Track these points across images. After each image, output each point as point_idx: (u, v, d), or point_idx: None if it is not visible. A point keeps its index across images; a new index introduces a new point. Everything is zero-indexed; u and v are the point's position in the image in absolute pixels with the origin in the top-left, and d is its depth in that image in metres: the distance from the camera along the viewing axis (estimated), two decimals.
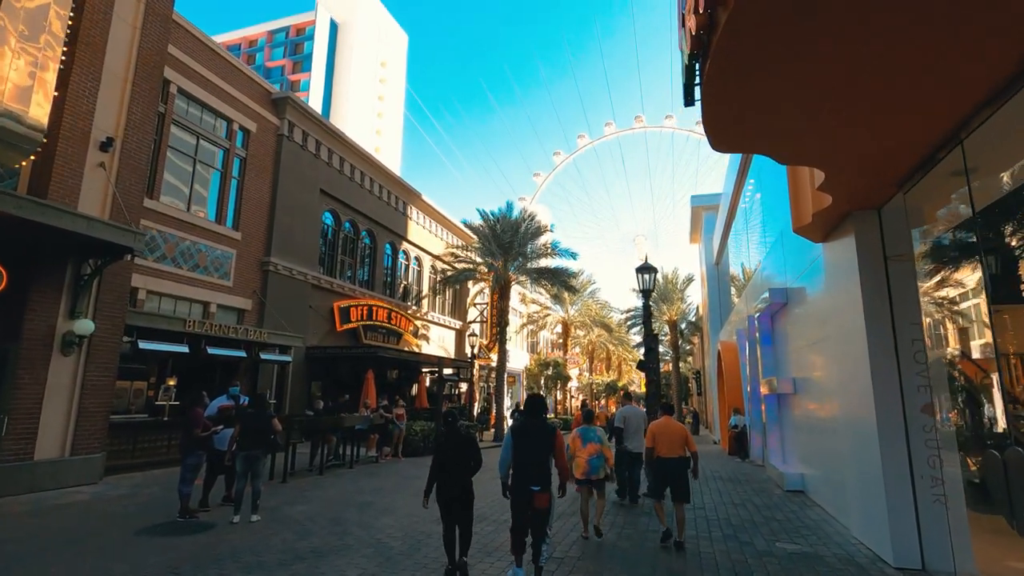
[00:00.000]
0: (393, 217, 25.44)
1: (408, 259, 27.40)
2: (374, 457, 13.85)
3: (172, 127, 14.67)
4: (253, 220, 17.19)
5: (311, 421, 11.82)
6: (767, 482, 11.25)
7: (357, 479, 11.24)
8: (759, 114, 4.04)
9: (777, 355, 12.10)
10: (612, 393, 54.05)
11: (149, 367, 13.87)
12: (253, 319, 16.87)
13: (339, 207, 21.68)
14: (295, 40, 71.90)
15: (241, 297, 16.47)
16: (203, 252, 15.29)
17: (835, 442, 7.81)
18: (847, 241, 6.50)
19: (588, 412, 7.53)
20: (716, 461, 16.03)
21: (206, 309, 15.33)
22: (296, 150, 19.08)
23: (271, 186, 18.02)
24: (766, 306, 11.43)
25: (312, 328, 19.62)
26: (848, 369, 6.66)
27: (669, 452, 6.42)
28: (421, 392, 21.98)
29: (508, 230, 24.98)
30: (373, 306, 22.70)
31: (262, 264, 17.39)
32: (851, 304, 6.43)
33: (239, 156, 16.92)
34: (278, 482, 10.46)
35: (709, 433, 31.97)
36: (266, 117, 17.86)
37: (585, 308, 41.65)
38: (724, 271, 28.77)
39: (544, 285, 27.14)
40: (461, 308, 32.59)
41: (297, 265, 18.66)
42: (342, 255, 22.18)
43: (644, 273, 10.32)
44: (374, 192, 23.83)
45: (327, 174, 20.76)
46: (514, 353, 38.36)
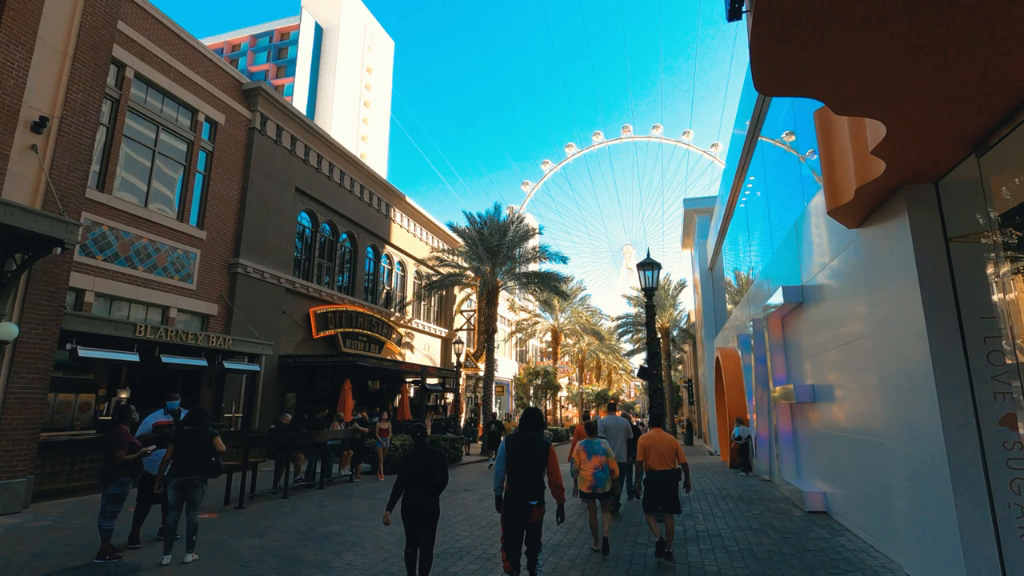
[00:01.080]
0: (375, 219, 24.27)
1: (391, 263, 26.19)
2: (348, 476, 12.58)
3: (128, 115, 13.43)
4: (220, 218, 15.93)
5: (275, 437, 10.54)
6: (782, 501, 10.18)
7: (326, 503, 9.99)
8: (826, 28, 3.00)
9: (790, 360, 11.09)
10: (603, 402, 53.02)
11: (97, 378, 12.52)
12: (219, 325, 15.57)
13: (316, 207, 20.47)
14: (279, 45, 70.67)
15: (205, 301, 15.17)
16: (162, 252, 14.01)
17: (872, 457, 6.76)
18: (897, 222, 5.49)
19: (592, 424, 7.27)
20: (719, 476, 14.96)
21: (165, 314, 14.02)
22: (269, 145, 17.89)
23: (241, 183, 16.80)
24: (777, 307, 10.43)
25: (286, 335, 18.33)
26: (898, 372, 5.62)
27: (660, 464, 6.43)
28: (404, 403, 20.71)
29: (496, 233, 23.90)
30: (353, 312, 21.44)
31: (230, 266, 16.12)
32: (903, 296, 5.41)
33: (205, 149, 15.69)
34: (233, 508, 9.18)
35: (704, 444, 30.93)
36: (236, 109, 16.66)
37: (575, 315, 40.60)
38: (719, 276, 27.93)
39: (533, 290, 26.06)
40: (447, 315, 31.38)
41: (269, 268, 17.39)
42: (320, 258, 20.94)
43: (646, 269, 9.29)
44: (355, 192, 22.66)
45: (303, 172, 19.56)
46: (502, 362, 37.15)
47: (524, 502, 4.61)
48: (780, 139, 11.66)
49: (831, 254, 8.15)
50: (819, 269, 8.82)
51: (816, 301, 9.08)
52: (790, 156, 11.50)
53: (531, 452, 4.78)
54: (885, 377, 5.96)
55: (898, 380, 5.60)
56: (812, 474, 9.80)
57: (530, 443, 4.84)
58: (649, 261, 9.33)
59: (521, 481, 4.69)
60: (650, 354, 9.12)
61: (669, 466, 6.41)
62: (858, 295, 6.99)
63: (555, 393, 38.07)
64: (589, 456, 6.63)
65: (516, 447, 4.82)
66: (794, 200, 11.04)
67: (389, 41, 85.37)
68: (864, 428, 7.10)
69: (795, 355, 10.76)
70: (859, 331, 7.02)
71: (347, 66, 73.37)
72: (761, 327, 13.09)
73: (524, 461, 4.75)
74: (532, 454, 4.77)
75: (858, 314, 7.05)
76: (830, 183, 5.98)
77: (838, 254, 7.83)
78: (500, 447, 4.92)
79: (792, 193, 11.58)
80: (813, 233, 9.16)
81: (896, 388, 5.67)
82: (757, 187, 15.36)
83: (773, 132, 13.09)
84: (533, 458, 4.75)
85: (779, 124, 12.60)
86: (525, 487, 4.66)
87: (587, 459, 6.61)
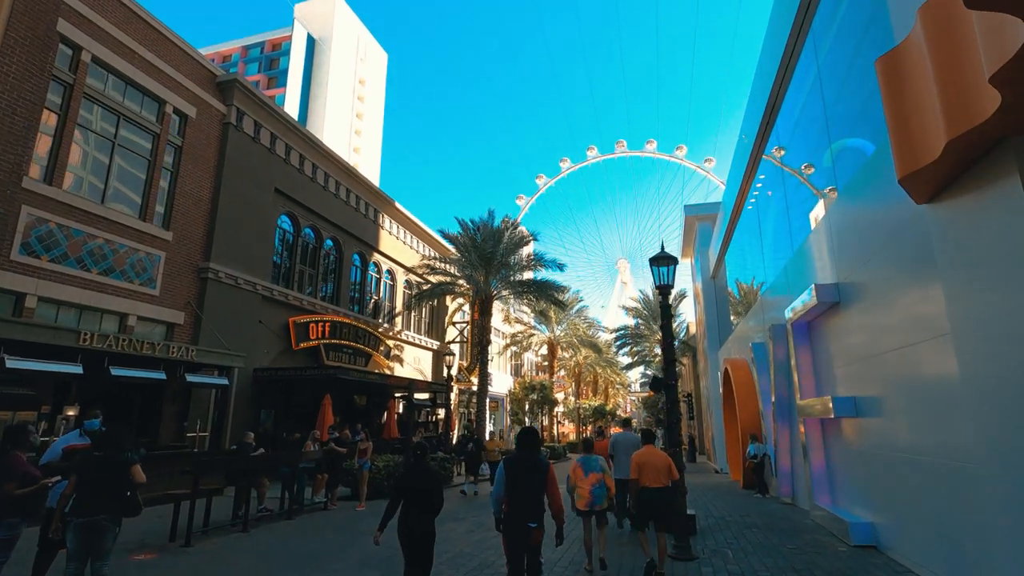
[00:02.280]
0: (362, 225, 23.04)
1: (380, 272, 24.91)
2: (323, 503, 11.16)
3: (84, 103, 12.21)
4: (189, 219, 14.65)
5: (231, 460, 9.16)
6: (818, 531, 8.88)
7: (291, 537, 8.60)
8: None
9: (819, 370, 9.86)
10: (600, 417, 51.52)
11: (41, 393, 11.10)
12: (187, 335, 14.21)
13: (298, 210, 19.23)
14: (270, 55, 69.97)
15: (170, 309, 13.82)
16: (121, 253, 12.70)
17: (949, 485, 5.51)
18: (999, 187, 4.32)
19: (588, 441, 7.42)
20: (734, 498, 13.63)
21: (123, 322, 12.66)
22: (245, 143, 16.68)
23: (214, 181, 15.55)
24: (806, 310, 9.23)
25: (263, 347, 16.96)
26: (1004, 383, 4.39)
27: (653, 482, 6.40)
28: (391, 420, 19.30)
29: (489, 240, 22.71)
30: (337, 323, 20.10)
31: (199, 270, 14.80)
32: (1010, 283, 4.21)
33: (174, 144, 14.46)
34: (179, 546, 7.78)
35: (708, 461, 29.53)
36: (208, 102, 15.47)
37: (572, 327, 39.30)
38: (722, 284, 26.83)
39: (529, 300, 24.83)
40: (439, 327, 30.05)
41: (244, 273, 16.08)
42: (301, 265, 19.64)
43: (660, 265, 8.07)
44: (340, 196, 21.45)
45: (284, 172, 18.35)
46: (497, 376, 35.75)
47: (524, 524, 4.51)
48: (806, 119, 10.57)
49: (880, 242, 6.97)
50: (861, 262, 7.65)
51: (857, 300, 7.89)
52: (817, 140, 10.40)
53: (530, 473, 4.68)
54: (980, 388, 4.72)
55: (1005, 392, 4.37)
56: (853, 500, 8.52)
57: (529, 463, 4.72)
58: (664, 255, 8.13)
59: (521, 503, 4.58)
60: (667, 362, 7.87)
61: (663, 483, 6.40)
62: (925, 287, 5.79)
63: (551, 408, 36.63)
64: (586, 473, 6.61)
65: (515, 468, 4.70)
66: (824, 186, 9.91)
67: (383, 54, 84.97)
68: (935, 449, 5.85)
69: (826, 363, 9.54)
70: (926, 331, 5.81)
71: (340, 78, 72.70)
72: (782, 334, 11.89)
73: (523, 482, 4.64)
74: (531, 475, 4.67)
75: (924, 311, 5.85)
76: (903, 142, 4.80)
77: (891, 241, 6.65)
78: (499, 468, 4.80)
79: (819, 182, 10.46)
80: (852, 221, 8.00)
81: (1001, 402, 4.43)
82: (771, 184, 14.28)
83: (791, 120, 12.03)
84: (532, 479, 4.66)
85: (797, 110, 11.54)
86: (525, 509, 4.56)
87: (583, 476, 6.60)
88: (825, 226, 9.10)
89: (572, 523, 8.46)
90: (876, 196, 7.16)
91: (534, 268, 24.48)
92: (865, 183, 7.48)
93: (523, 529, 4.51)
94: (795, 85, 11.28)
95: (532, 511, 4.55)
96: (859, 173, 7.75)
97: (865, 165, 7.51)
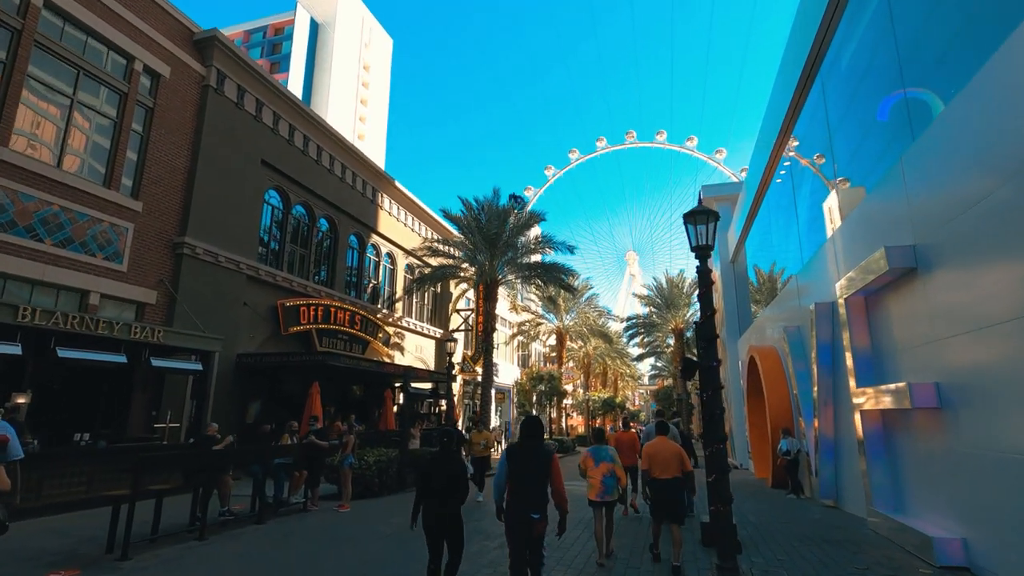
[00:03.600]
0: (360, 204, 21.63)
1: (379, 255, 23.53)
2: (301, 503, 9.81)
3: (36, 52, 10.84)
4: (163, 189, 13.30)
5: (183, 456, 7.80)
6: (886, 545, 7.39)
7: (254, 546, 7.26)
8: None
9: (882, 353, 8.34)
10: (609, 410, 50.10)
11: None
12: (159, 315, 12.90)
13: (288, 185, 17.84)
14: (273, 40, 68.51)
15: (140, 287, 12.51)
16: (81, 223, 11.37)
17: None
18: None
19: (598, 431, 7.37)
20: (766, 500, 12.19)
21: (83, 300, 11.36)
22: (228, 108, 15.28)
23: (191, 149, 14.18)
24: (870, 280, 7.71)
25: (247, 331, 15.65)
26: None
27: (663, 472, 6.31)
28: (388, 411, 17.95)
29: (495, 220, 21.22)
30: (331, 307, 18.75)
31: (174, 245, 13.46)
32: None
33: (144, 105, 13.09)
34: (114, 559, 6.45)
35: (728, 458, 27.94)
36: (185, 61, 14.07)
37: (582, 316, 37.75)
38: (741, 270, 25.24)
39: (536, 284, 23.37)
40: (443, 314, 28.67)
41: (226, 251, 14.73)
42: (292, 244, 18.29)
43: (698, 222, 6.57)
44: (335, 172, 20.04)
45: (272, 143, 16.95)
46: (503, 367, 34.39)
47: (526, 515, 4.39)
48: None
49: (983, 188, 5.45)
50: (947, 220, 6.13)
51: (944, 263, 6.37)
52: (876, 86, 8.84)
53: (532, 462, 4.56)
54: None
55: None
56: (932, 509, 7.02)
57: (531, 452, 4.61)
58: (701, 210, 6.63)
59: (522, 492, 4.46)
60: (704, 341, 6.40)
61: (674, 474, 6.30)
62: None
63: (560, 400, 35.21)
64: (596, 463, 6.59)
65: (517, 456, 4.60)
66: (892, 137, 8.36)
67: (388, 39, 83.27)
68: None
69: (890, 345, 8.03)
70: None
71: (343, 63, 71.15)
72: (828, 314, 10.37)
73: (525, 471, 4.53)
74: (533, 464, 4.55)
75: None
76: None
77: (1001, 186, 5.13)
78: (501, 456, 4.71)
79: (876, 141, 8.92)
80: (939, 167, 6.46)
81: None
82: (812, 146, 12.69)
83: (839, 67, 10.43)
84: (535, 468, 4.54)
85: (848, 55, 9.95)
86: (526, 499, 4.43)
87: (594, 466, 6.60)
88: (895, 181, 7.56)
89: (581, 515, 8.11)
90: (979, 130, 5.63)
91: (542, 251, 22.98)
92: (958, 119, 5.95)
93: (525, 520, 4.37)
94: (850, 18, 9.66)
95: (534, 501, 4.40)
96: (951, 108, 6.21)
97: (963, 94, 5.97)
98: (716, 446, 6.05)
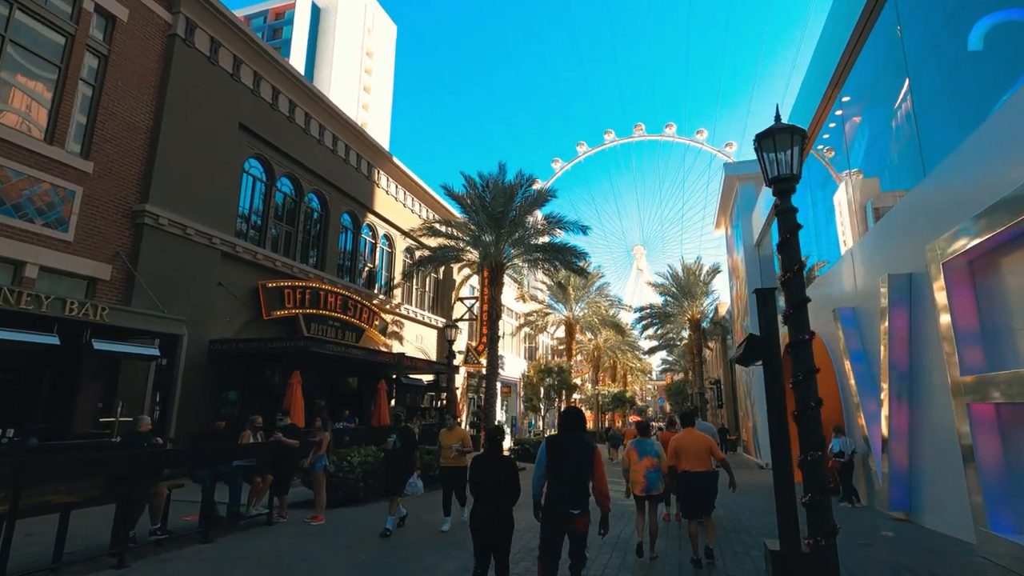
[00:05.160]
0: (354, 180, 19.88)
1: (375, 237, 21.78)
2: (263, 515, 8.07)
3: None
4: (119, 148, 11.59)
5: (91, 461, 6.09)
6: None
7: (188, 575, 5.56)
8: None
9: (998, 332, 6.50)
10: (619, 406, 48.27)
11: None
12: (115, 293, 11.22)
13: (272, 155, 16.10)
14: (273, 25, 66.72)
15: (91, 260, 10.82)
16: (14, 183, 9.68)
17: None
18: None
19: (644, 424, 7.10)
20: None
21: (17, 272, 9.68)
22: (199, 63, 13.54)
23: (155, 105, 12.45)
24: (990, 235, 5.88)
25: (223, 314, 13.97)
26: None
27: (693, 466, 6.16)
28: (381, 404, 16.23)
29: (500, 197, 19.41)
30: (320, 290, 17.03)
31: (133, 214, 11.76)
32: None
33: (96, 52, 11.37)
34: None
35: (748, 455, 26.19)
36: (146, 4, 12.32)
37: (592, 306, 35.86)
38: (768, 255, 23.33)
39: (545, 268, 21.52)
40: (446, 303, 26.93)
41: (198, 223, 13.03)
42: (277, 220, 16.57)
43: (778, 146, 4.74)
44: (325, 143, 18.28)
45: (252, 106, 15.21)
46: (510, 360, 32.62)
47: (565, 511, 4.17)
48: None
49: None
50: None
51: None
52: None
53: (573, 456, 4.30)
54: None
55: None
56: None
57: (572, 446, 4.35)
58: (782, 127, 4.80)
59: (561, 488, 4.24)
60: (791, 305, 4.55)
61: (704, 467, 6.16)
62: None
63: (570, 394, 33.41)
64: (640, 457, 6.52)
65: (558, 449, 4.35)
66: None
67: (391, 25, 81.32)
68: None
69: (1007, 323, 6.19)
70: None
71: (345, 48, 69.32)
72: (905, 286, 8.53)
73: (565, 466, 4.27)
74: (574, 458, 4.29)
75: None
76: None
77: None
78: (540, 449, 4.47)
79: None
80: None
81: None
82: (885, 87, 10.79)
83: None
84: (576, 463, 4.28)
85: None
86: (566, 495, 4.21)
87: (638, 460, 6.52)
88: None
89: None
90: None
91: (551, 233, 21.13)
92: None
93: (564, 516, 4.16)
94: None
95: (575, 496, 4.19)
96: None
97: None
98: (812, 454, 4.26)
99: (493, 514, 4.32)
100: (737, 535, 7.91)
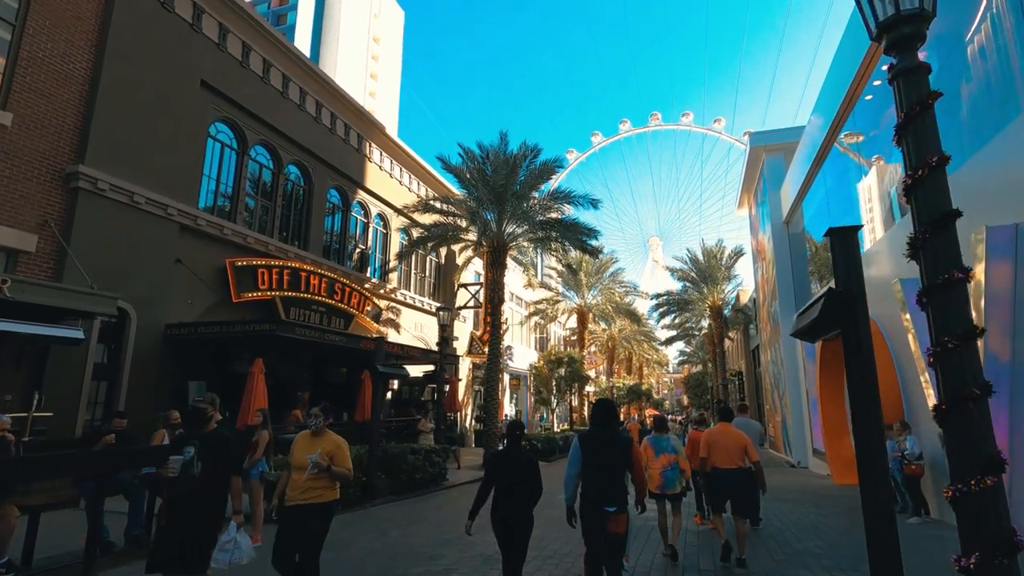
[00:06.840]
0: (342, 153, 18.16)
1: (368, 216, 20.07)
2: None
3: None
4: (46, 99, 9.95)
5: None
6: None
7: None
8: None
9: None
10: (635, 399, 46.28)
11: None
12: (43, 268, 9.61)
13: (243, 119, 14.40)
14: (277, 11, 65.25)
15: (10, 228, 9.21)
16: None
17: None
18: None
19: (661, 419, 6.95)
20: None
21: None
22: (149, 7, 11.84)
23: (93, 53, 10.79)
24: None
25: (183, 295, 12.35)
26: None
27: (725, 463, 6.02)
28: (365, 397, 14.53)
29: (502, 169, 17.53)
30: (301, 271, 15.36)
31: (66, 177, 10.12)
32: None
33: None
34: None
35: (777, 453, 24.12)
36: None
37: (606, 294, 33.86)
38: (799, 232, 21.17)
39: (554, 249, 19.64)
40: (448, 288, 25.19)
41: (149, 190, 11.39)
42: (250, 193, 14.89)
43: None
44: (307, 109, 16.56)
45: (217, 61, 13.50)
46: (519, 350, 30.82)
47: (600, 508, 3.98)
48: None
49: None
50: None
51: None
52: None
53: (607, 451, 4.13)
54: None
55: None
56: None
57: (607, 439, 4.20)
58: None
59: (598, 485, 4.05)
60: (936, 221, 2.72)
61: (737, 464, 5.99)
62: None
63: (582, 386, 31.54)
64: (656, 454, 6.30)
65: (592, 445, 4.17)
66: None
67: (399, 11, 79.47)
68: None
69: None
70: None
71: (352, 34, 67.67)
72: (1007, 241, 6.53)
73: (600, 462, 4.11)
74: (609, 453, 4.12)
75: None
76: None
77: None
78: (573, 446, 4.24)
79: None
80: None
81: None
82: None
83: None
84: (611, 458, 4.13)
85: None
86: (603, 492, 4.02)
87: (654, 457, 6.29)
88: None
89: None
90: None
91: (559, 209, 19.22)
92: None
93: (601, 514, 3.97)
94: None
95: (612, 493, 4.02)
96: None
97: None
98: (983, 481, 2.37)
99: (508, 514, 4.19)
100: (802, 559, 6.11)
